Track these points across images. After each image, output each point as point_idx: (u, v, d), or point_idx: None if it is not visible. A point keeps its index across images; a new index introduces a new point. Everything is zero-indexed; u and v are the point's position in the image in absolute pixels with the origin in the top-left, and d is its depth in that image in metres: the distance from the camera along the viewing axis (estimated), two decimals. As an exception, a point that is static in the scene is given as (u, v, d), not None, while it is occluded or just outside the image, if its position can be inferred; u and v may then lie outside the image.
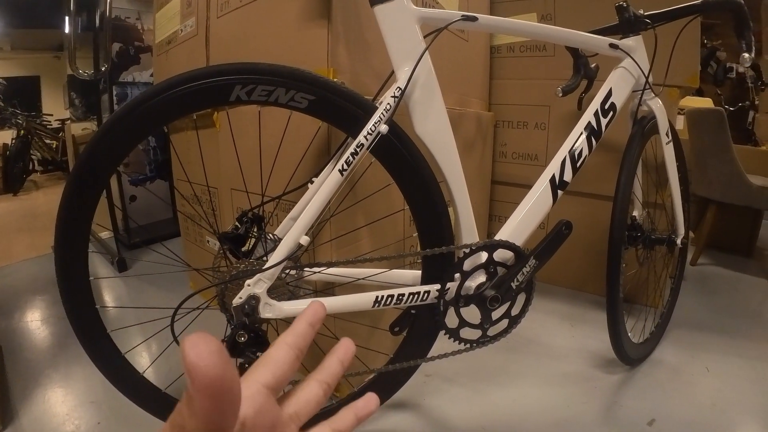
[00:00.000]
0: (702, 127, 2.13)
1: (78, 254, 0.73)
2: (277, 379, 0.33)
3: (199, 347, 0.22)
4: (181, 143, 1.64)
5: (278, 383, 0.33)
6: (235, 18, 1.18)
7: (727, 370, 1.30)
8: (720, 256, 2.38)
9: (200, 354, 0.22)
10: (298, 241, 0.74)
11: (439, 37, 0.83)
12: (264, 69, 0.72)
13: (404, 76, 0.78)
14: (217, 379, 0.22)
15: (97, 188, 0.72)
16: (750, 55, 1.04)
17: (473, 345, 0.89)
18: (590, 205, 1.67)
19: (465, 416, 1.10)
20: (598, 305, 1.67)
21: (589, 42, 1.06)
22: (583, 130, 1.00)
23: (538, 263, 0.89)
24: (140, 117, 0.70)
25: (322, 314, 0.40)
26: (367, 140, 0.75)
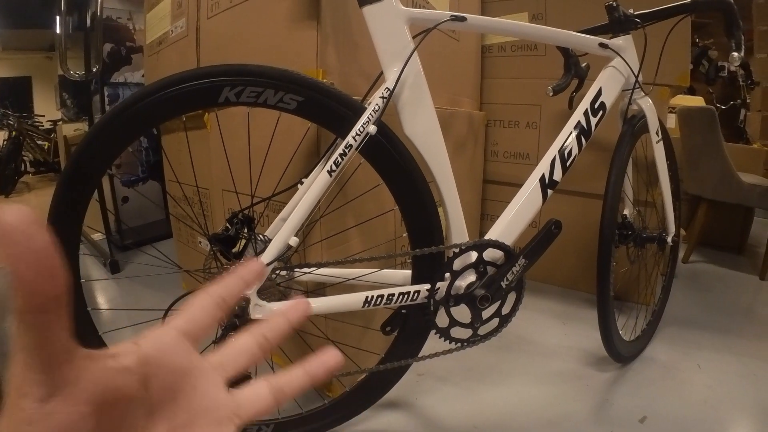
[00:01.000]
0: (693, 125, 2.14)
1: (69, 256, 0.73)
2: (192, 324, 0.30)
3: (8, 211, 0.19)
4: (172, 144, 1.63)
5: (194, 328, 0.30)
6: (225, 19, 1.17)
7: (718, 367, 1.31)
8: (711, 254, 2.40)
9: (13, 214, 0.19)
10: (288, 242, 0.75)
11: (430, 37, 0.83)
12: (253, 70, 0.72)
13: (393, 76, 0.78)
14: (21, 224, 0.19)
15: (87, 189, 0.72)
16: (740, 54, 1.05)
17: (464, 344, 0.90)
18: (581, 203, 1.68)
19: (457, 415, 1.10)
20: (590, 303, 1.67)
21: (579, 41, 1.06)
22: (572, 130, 1.01)
23: (527, 262, 0.89)
24: (130, 119, 0.70)
25: (256, 267, 0.36)
26: (355, 141, 0.75)
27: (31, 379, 0.21)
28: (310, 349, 1.09)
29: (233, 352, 0.32)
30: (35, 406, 0.21)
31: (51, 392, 0.21)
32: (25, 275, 0.19)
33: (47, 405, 0.21)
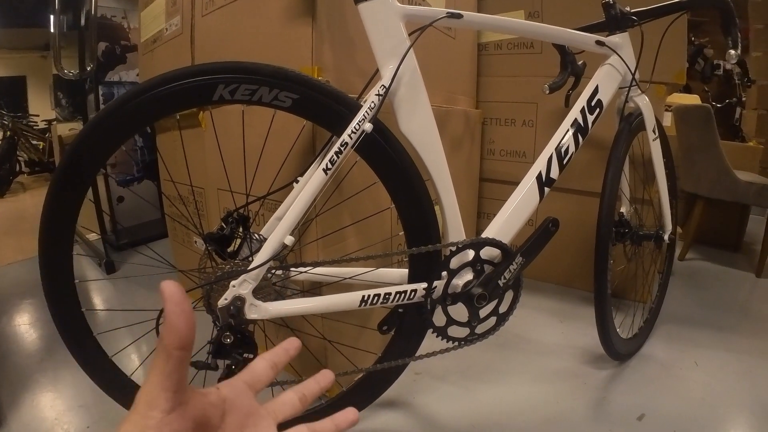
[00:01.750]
0: (689, 123, 2.15)
1: (63, 256, 0.72)
2: (254, 379, 0.42)
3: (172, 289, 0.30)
4: (167, 143, 1.62)
5: (255, 382, 0.41)
6: (219, 16, 1.17)
7: (715, 365, 1.31)
8: (708, 251, 2.40)
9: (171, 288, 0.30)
10: (283, 241, 0.74)
11: (426, 35, 0.83)
12: (247, 68, 0.72)
13: (389, 74, 0.78)
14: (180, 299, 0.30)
15: (81, 189, 0.71)
16: (736, 51, 1.04)
17: (461, 343, 0.89)
18: (578, 201, 1.68)
19: (454, 414, 1.10)
20: (587, 301, 1.67)
21: (576, 39, 1.06)
22: (569, 127, 1.00)
23: (525, 260, 0.89)
24: (123, 117, 0.69)
25: (297, 345, 0.48)
26: (351, 139, 0.74)
27: (164, 396, 0.30)
28: (308, 351, 1.08)
29: (282, 405, 0.42)
30: (160, 416, 0.30)
31: (173, 407, 0.30)
32: (178, 325, 0.29)
33: (168, 416, 0.30)
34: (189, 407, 0.32)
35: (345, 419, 0.43)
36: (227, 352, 0.75)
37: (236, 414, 0.37)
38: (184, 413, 0.31)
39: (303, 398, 0.44)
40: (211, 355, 0.76)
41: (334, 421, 0.42)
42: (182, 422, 0.31)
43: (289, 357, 0.46)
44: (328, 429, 0.41)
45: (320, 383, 0.46)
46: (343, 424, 0.42)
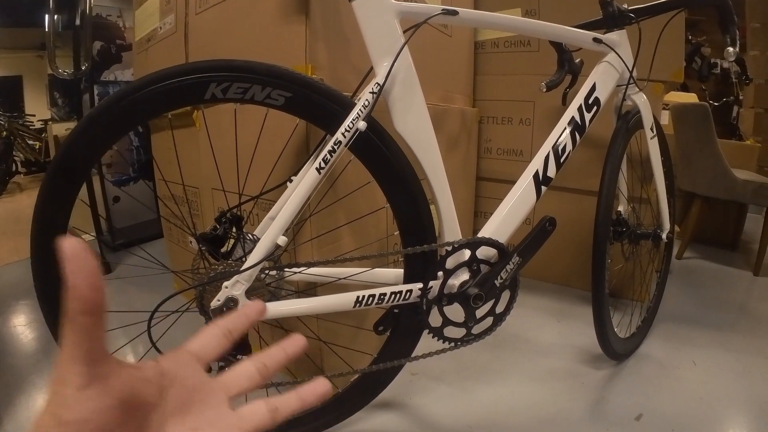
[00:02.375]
0: (687, 122, 2.14)
1: (55, 256, 0.71)
2: (203, 348, 0.36)
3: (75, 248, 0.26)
4: (162, 143, 1.61)
5: (204, 352, 0.36)
6: (213, 14, 1.16)
7: (713, 364, 1.30)
8: (705, 250, 2.40)
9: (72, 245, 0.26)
10: (276, 241, 0.73)
11: (422, 33, 0.82)
12: (239, 66, 0.71)
13: (383, 71, 0.77)
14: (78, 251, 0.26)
15: (72, 189, 0.70)
16: (735, 49, 1.04)
17: (458, 344, 0.89)
18: (576, 200, 1.67)
19: (451, 414, 1.09)
20: (585, 300, 1.67)
21: (573, 37, 1.05)
22: (566, 126, 1.00)
23: (521, 260, 0.88)
24: (115, 116, 0.68)
25: (260, 309, 0.42)
26: (345, 137, 0.73)
27: (73, 369, 0.26)
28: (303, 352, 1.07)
29: (236, 376, 0.36)
30: (73, 393, 0.26)
31: (87, 383, 0.26)
32: (79, 286, 0.25)
33: (83, 393, 0.26)
34: (112, 382, 0.27)
35: (312, 391, 0.37)
36: (220, 353, 0.74)
37: (179, 389, 0.32)
38: (106, 389, 0.27)
39: (263, 369, 0.37)
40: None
41: (300, 394, 0.36)
42: (103, 400, 0.26)
43: (249, 321, 0.40)
44: (291, 403, 0.36)
45: (286, 350, 0.39)
46: (309, 397, 0.37)
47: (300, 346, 0.40)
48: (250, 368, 0.37)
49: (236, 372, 0.36)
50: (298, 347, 0.40)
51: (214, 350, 0.37)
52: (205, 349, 0.36)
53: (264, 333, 1.12)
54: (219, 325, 0.38)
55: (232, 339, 0.38)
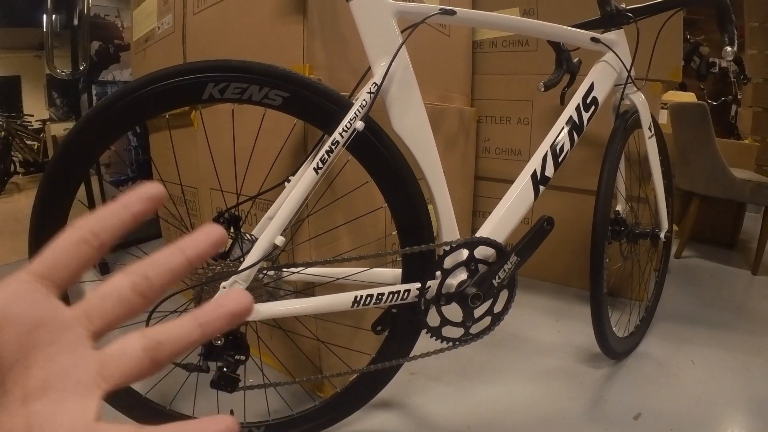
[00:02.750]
0: (685, 121, 2.14)
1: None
2: (52, 265, 0.25)
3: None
4: (161, 143, 1.61)
5: (54, 271, 0.24)
6: (211, 14, 1.15)
7: (712, 363, 1.30)
8: (704, 249, 2.40)
9: None
10: (273, 241, 0.73)
11: (420, 32, 0.82)
12: (237, 66, 0.71)
13: (380, 71, 0.77)
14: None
15: (71, 189, 0.70)
16: (733, 48, 1.04)
17: (456, 343, 0.89)
18: (574, 199, 1.67)
19: (450, 414, 1.09)
20: (583, 299, 1.67)
21: (571, 36, 1.05)
22: (564, 125, 1.00)
23: (519, 260, 0.88)
24: (113, 116, 0.69)
25: (154, 193, 0.27)
26: (342, 137, 0.73)
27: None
28: (301, 351, 1.07)
29: (101, 299, 0.25)
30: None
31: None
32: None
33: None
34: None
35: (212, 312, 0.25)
36: (218, 354, 0.74)
37: (14, 329, 0.22)
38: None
39: (143, 285, 0.25)
40: (202, 357, 0.75)
41: (197, 318, 0.25)
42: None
43: (131, 215, 0.26)
44: (182, 333, 0.24)
45: (185, 252, 0.26)
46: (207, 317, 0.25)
47: (207, 242, 0.26)
48: (122, 286, 0.25)
49: (103, 293, 0.25)
50: (202, 245, 0.26)
51: (71, 265, 0.25)
52: (55, 264, 0.25)
53: (262, 333, 1.11)
54: (76, 226, 0.26)
55: (99, 245, 0.25)
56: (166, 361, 0.24)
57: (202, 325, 0.24)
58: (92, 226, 0.25)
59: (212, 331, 0.25)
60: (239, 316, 0.25)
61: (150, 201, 0.26)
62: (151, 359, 0.23)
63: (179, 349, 0.24)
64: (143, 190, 0.26)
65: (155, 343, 0.24)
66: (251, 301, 0.25)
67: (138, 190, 0.26)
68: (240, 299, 0.25)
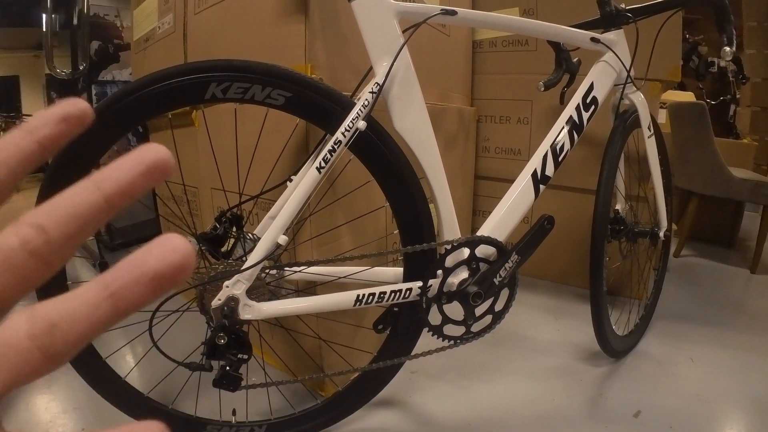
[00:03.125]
0: (684, 120, 2.15)
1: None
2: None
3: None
4: (162, 142, 1.60)
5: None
6: (212, 14, 1.16)
7: (711, 361, 1.31)
8: (702, 248, 2.41)
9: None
10: (276, 240, 0.73)
11: (420, 32, 0.82)
12: (239, 66, 0.71)
13: (382, 71, 0.77)
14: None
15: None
16: (731, 48, 1.04)
17: (457, 342, 0.89)
18: (574, 198, 1.68)
19: (450, 412, 1.09)
20: (583, 298, 1.67)
21: (571, 36, 1.06)
22: (564, 125, 1.00)
23: (520, 258, 0.89)
24: (114, 117, 0.69)
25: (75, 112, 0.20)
26: (345, 137, 0.74)
27: None
28: (303, 350, 1.07)
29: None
30: None
31: None
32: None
33: None
34: None
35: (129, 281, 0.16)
36: (221, 353, 0.74)
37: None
38: None
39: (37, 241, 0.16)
40: (205, 356, 0.76)
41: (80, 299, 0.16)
42: None
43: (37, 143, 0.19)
44: (80, 313, 0.16)
45: (100, 186, 0.18)
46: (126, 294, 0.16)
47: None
48: (9, 242, 0.16)
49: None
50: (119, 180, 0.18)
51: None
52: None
53: (264, 332, 1.12)
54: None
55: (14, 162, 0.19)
56: (65, 354, 0.16)
57: (114, 294, 0.16)
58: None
59: (128, 304, 0.16)
60: (169, 278, 0.16)
61: (64, 122, 0.19)
62: (42, 352, 0.15)
63: (82, 334, 0.16)
64: (55, 108, 0.19)
65: (47, 326, 0.16)
66: (187, 253, 0.17)
67: (49, 109, 0.20)
68: (170, 250, 0.17)
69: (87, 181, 0.18)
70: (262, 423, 0.92)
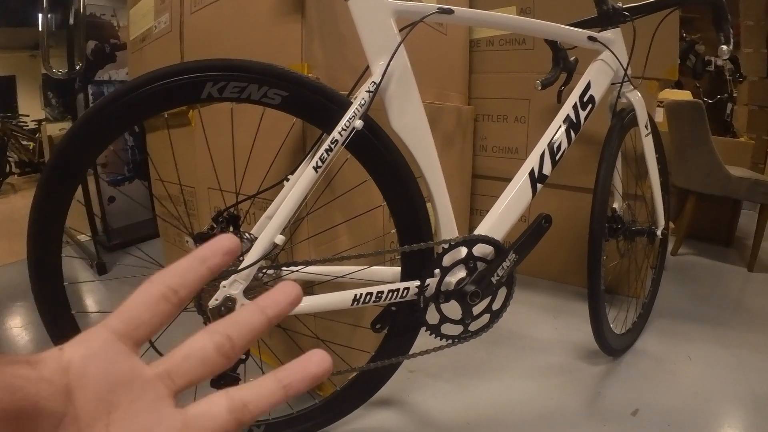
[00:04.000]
0: (681, 119, 2.15)
1: (52, 257, 0.71)
2: (131, 323, 0.24)
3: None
4: (158, 142, 1.61)
5: (134, 328, 0.24)
6: (209, 13, 1.15)
7: (708, 359, 1.31)
8: (700, 246, 2.41)
9: None
10: (273, 240, 0.73)
11: (418, 31, 0.82)
12: (235, 65, 0.71)
13: (379, 70, 0.77)
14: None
15: (69, 189, 0.70)
16: (728, 47, 1.04)
17: (455, 341, 0.89)
18: (571, 197, 1.68)
19: (449, 411, 1.09)
20: (581, 297, 1.68)
21: (568, 35, 1.05)
22: (561, 123, 1.00)
23: (518, 257, 0.88)
24: (111, 116, 0.68)
25: (230, 247, 0.27)
26: (341, 136, 0.73)
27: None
28: (300, 349, 1.07)
29: (184, 358, 0.25)
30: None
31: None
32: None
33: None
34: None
35: (303, 370, 0.26)
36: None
37: (94, 387, 0.22)
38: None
39: (226, 347, 0.25)
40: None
41: (280, 379, 0.25)
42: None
43: (208, 270, 0.27)
44: (267, 396, 0.25)
45: (266, 312, 0.27)
46: (297, 382, 0.25)
47: (289, 299, 0.27)
48: (207, 344, 0.25)
49: (185, 352, 0.25)
50: (285, 301, 0.27)
51: (150, 322, 0.25)
52: (134, 322, 0.25)
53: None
54: (155, 281, 0.26)
55: (178, 302, 0.26)
56: (249, 422, 0.24)
57: (286, 387, 0.25)
58: (171, 282, 0.26)
59: (295, 392, 0.25)
60: (321, 378, 0.26)
61: (226, 255, 0.27)
62: (236, 420, 0.24)
63: (263, 411, 0.25)
64: (219, 244, 0.27)
65: (241, 405, 0.24)
66: (330, 364, 0.26)
67: (213, 242, 0.27)
68: (322, 362, 0.26)
69: (255, 307, 0.27)
70: (261, 423, 0.92)
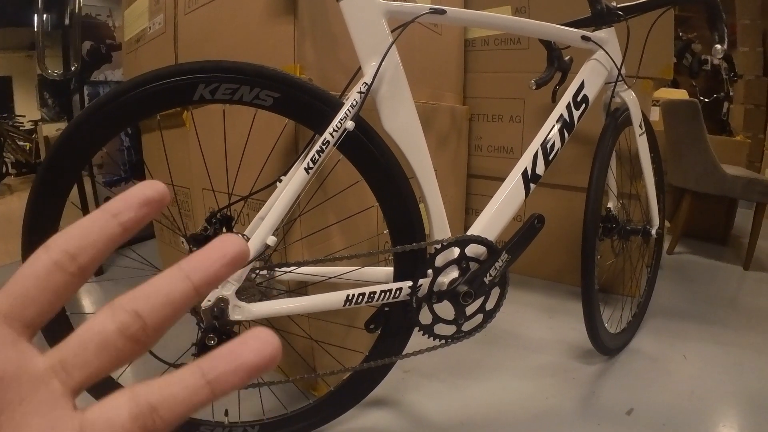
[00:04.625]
0: (677, 118, 2.16)
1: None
2: (19, 302, 0.19)
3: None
4: (153, 143, 1.61)
5: (20, 308, 0.19)
6: (202, 14, 1.15)
7: (704, 358, 1.31)
8: (696, 245, 2.42)
9: None
10: (266, 241, 0.73)
11: (411, 31, 0.82)
12: (227, 67, 0.71)
13: (371, 71, 0.77)
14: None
15: (64, 190, 0.71)
16: (722, 46, 1.04)
17: (448, 341, 0.89)
18: (565, 197, 1.68)
19: (444, 411, 1.09)
20: (576, 296, 1.67)
21: (562, 34, 1.06)
22: (555, 123, 1.00)
23: (510, 257, 0.89)
24: (105, 117, 0.69)
25: (153, 195, 0.21)
26: (333, 137, 0.74)
27: None
28: (294, 350, 1.07)
29: (80, 345, 0.19)
30: None
31: None
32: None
33: None
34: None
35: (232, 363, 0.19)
36: (211, 354, 0.74)
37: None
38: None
39: (134, 327, 0.19)
40: (195, 358, 0.75)
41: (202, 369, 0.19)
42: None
43: (120, 226, 0.21)
44: (179, 396, 0.18)
45: (191, 276, 0.20)
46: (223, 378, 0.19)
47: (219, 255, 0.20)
48: (104, 325, 0.19)
49: (83, 338, 0.19)
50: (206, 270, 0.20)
51: (43, 300, 0.19)
52: (22, 301, 0.19)
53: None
54: (50, 247, 0.20)
55: (80, 273, 0.20)
56: (163, 430, 0.18)
57: (212, 383, 0.19)
58: (67, 245, 0.20)
59: (225, 391, 0.19)
60: (261, 370, 0.19)
61: (146, 206, 0.21)
62: (140, 429, 0.18)
63: (180, 416, 0.18)
64: (136, 191, 0.21)
65: (148, 409, 0.18)
66: (278, 346, 0.19)
67: (129, 191, 0.21)
68: (263, 348, 0.19)
69: (177, 270, 0.20)
70: (255, 423, 0.92)
